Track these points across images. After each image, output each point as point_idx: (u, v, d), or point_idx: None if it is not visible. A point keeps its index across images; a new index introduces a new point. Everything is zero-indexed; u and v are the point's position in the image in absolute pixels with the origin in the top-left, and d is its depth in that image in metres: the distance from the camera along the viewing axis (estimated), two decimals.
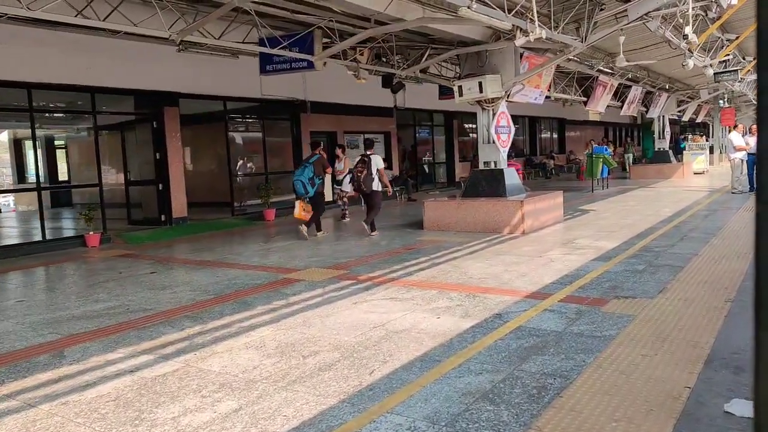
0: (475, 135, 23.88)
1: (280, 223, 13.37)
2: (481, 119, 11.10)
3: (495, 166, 11.08)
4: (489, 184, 10.97)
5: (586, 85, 16.67)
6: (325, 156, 10.98)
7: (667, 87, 23.17)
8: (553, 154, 28.96)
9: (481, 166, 11.28)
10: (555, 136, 31.41)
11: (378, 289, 6.31)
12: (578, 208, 13.68)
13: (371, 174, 10.26)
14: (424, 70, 12.19)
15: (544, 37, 8.06)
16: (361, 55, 11.82)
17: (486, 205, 10.41)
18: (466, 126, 23.23)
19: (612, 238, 9.05)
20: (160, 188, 11.98)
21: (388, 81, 12.45)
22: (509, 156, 12.02)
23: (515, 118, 28.08)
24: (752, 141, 15.17)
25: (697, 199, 14.47)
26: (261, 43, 10.45)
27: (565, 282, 6.29)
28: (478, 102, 10.98)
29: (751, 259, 6.98)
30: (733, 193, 15.25)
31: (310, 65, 10.30)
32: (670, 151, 24.06)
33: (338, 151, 13.52)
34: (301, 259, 8.46)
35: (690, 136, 27.92)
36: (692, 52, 12.20)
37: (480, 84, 10.37)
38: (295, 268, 7.76)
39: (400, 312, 5.35)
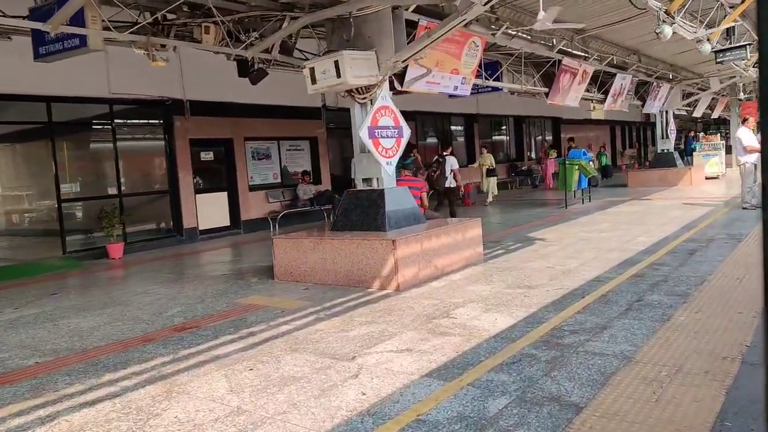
0: (433, 140, 20.36)
1: (129, 263, 10.07)
2: (355, 117, 7.65)
3: (377, 185, 7.62)
4: (364, 212, 7.50)
5: (545, 71, 12.97)
6: (419, 158, 11.82)
7: (670, 76, 19.37)
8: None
9: (360, 185, 7.83)
10: (549, 138, 27.60)
11: None
12: (525, 235, 10.09)
13: (445, 174, 10.87)
14: (286, 50, 8.79)
15: None
16: (206, 33, 8.51)
17: (349, 245, 6.94)
18: (427, 128, 19.72)
19: (517, 305, 5.53)
20: None
21: (244, 68, 9.07)
22: (402, 167, 8.57)
23: (498, 118, 24.48)
24: None
25: (693, 219, 10.76)
26: (32, 15, 7.22)
27: None
28: (349, 93, 7.54)
29: (730, 383, 3.44)
30: (744, 208, 11.49)
31: (83, 42, 6.99)
32: (676, 153, 20.21)
33: None
34: None
35: (701, 135, 23.83)
36: (672, 16, 8.54)
37: (336, 64, 6.92)
38: None
39: None
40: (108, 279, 8.68)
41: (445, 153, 11.03)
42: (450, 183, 10.95)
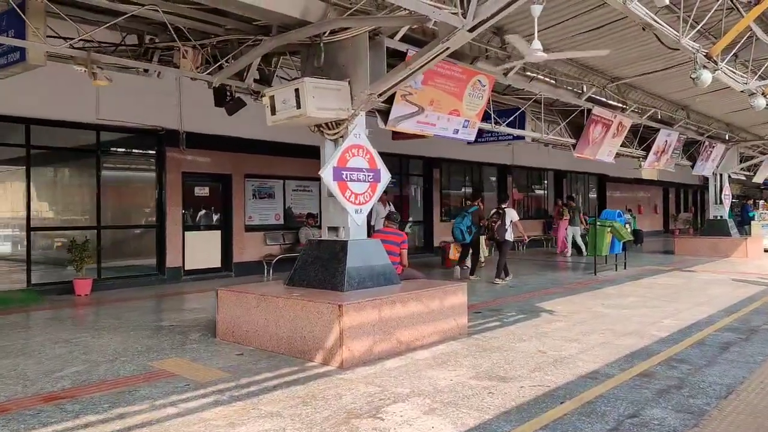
0: (467, 189, 19.16)
1: (91, 302, 9.21)
2: (324, 156, 6.62)
3: (344, 236, 6.51)
4: (323, 267, 6.38)
5: (573, 119, 11.63)
6: (482, 207, 12.06)
7: (726, 136, 17.69)
8: (585, 218, 23.45)
9: (325, 235, 6.73)
10: (592, 196, 25.90)
11: None
12: (534, 304, 8.70)
13: (505, 225, 11.03)
14: (265, 79, 7.93)
15: None
16: (184, 57, 7.78)
17: (293, 306, 5.80)
18: (454, 178, 18.55)
19: (472, 407, 4.22)
20: None
21: (221, 97, 8.25)
22: (388, 218, 7.45)
23: (535, 170, 22.88)
24: None
25: (738, 299, 9.11)
26: None
27: None
28: (318, 128, 6.54)
29: None
30: None
31: (23, 56, 6.30)
32: (731, 221, 18.28)
33: None
34: None
35: (762, 203, 21.70)
36: (714, 61, 7.20)
37: (297, 92, 5.95)
38: None
39: None
40: (48, 320, 7.79)
41: (503, 206, 11.38)
42: (509, 236, 11.17)
